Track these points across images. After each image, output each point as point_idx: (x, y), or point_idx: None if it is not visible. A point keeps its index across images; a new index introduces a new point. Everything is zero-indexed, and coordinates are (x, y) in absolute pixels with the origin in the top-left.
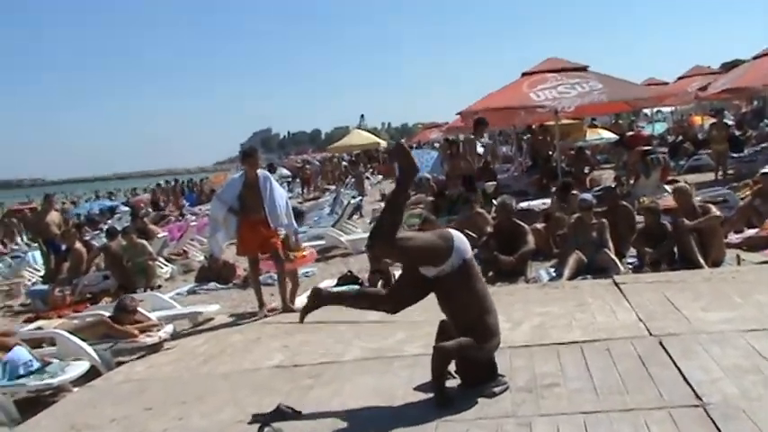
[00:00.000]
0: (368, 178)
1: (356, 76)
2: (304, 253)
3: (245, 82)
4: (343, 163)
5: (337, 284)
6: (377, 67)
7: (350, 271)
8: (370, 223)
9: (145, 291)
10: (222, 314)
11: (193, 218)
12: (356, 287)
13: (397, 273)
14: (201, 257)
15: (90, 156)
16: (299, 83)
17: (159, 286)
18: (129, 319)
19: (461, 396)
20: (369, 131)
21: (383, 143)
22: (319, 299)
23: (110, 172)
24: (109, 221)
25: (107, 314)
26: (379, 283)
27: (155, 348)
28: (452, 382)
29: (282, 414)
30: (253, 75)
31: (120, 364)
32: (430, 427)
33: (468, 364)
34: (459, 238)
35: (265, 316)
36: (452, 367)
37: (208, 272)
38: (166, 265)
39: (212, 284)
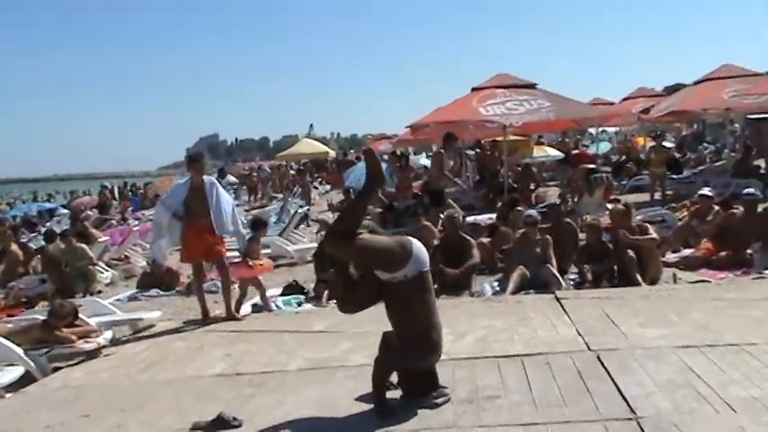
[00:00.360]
0: (315, 188)
1: (306, 85)
2: (261, 262)
3: (191, 87)
4: (291, 172)
5: (283, 294)
6: (327, 77)
7: (295, 281)
8: (317, 233)
9: (84, 296)
10: (164, 321)
11: (136, 222)
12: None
13: None
14: (144, 263)
15: (28, 156)
16: (247, 89)
17: (99, 291)
18: (66, 324)
19: (403, 407)
20: (318, 140)
21: (332, 152)
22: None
23: (50, 173)
24: (47, 224)
25: (43, 318)
26: (325, 293)
27: (93, 354)
28: (394, 393)
29: (223, 422)
30: (199, 80)
31: (56, 370)
32: None
33: (410, 375)
34: (419, 249)
35: (208, 324)
36: (394, 378)
37: (150, 278)
38: (107, 270)
39: (154, 291)
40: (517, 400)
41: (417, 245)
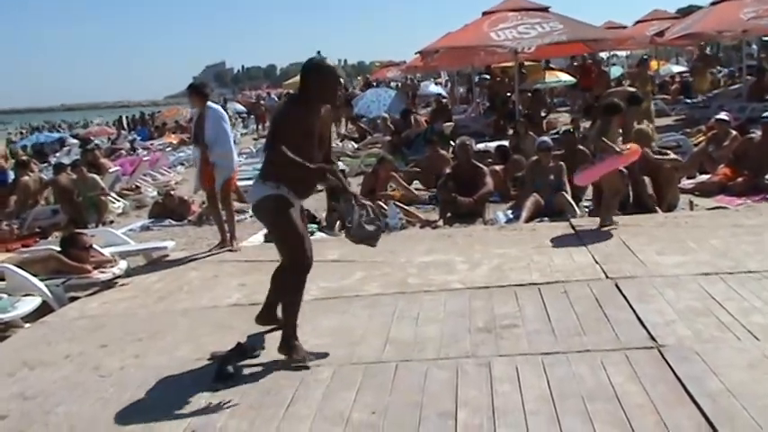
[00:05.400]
0: None
1: (313, 12)
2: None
3: (199, 14)
4: None
5: None
6: (334, 3)
7: (307, 209)
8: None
9: (97, 226)
10: (177, 251)
11: (146, 153)
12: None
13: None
14: (155, 193)
15: (36, 86)
16: (254, 17)
17: (111, 222)
18: (82, 255)
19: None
20: None
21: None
22: None
23: (57, 103)
24: (57, 154)
25: (57, 249)
26: (337, 222)
27: (109, 285)
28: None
29: (242, 352)
30: (206, 7)
31: (72, 300)
32: (390, 367)
33: None
34: None
35: (230, 251)
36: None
37: (162, 208)
38: (119, 201)
39: (167, 221)
40: (536, 329)
41: None
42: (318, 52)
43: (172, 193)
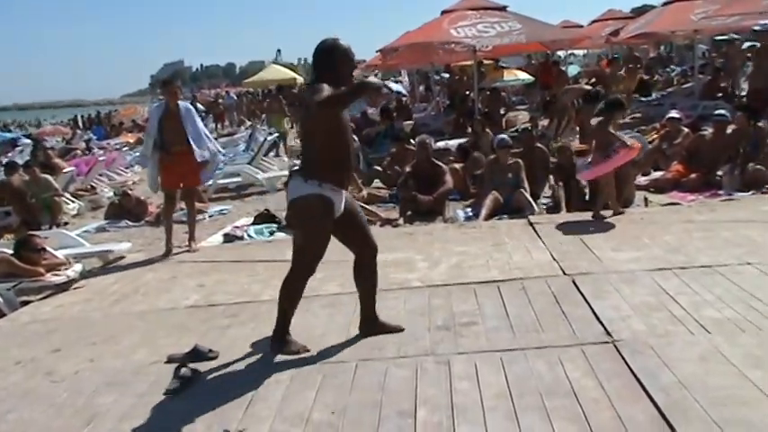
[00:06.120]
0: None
1: (272, 10)
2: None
3: (157, 12)
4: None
5: (254, 223)
6: (293, 1)
7: (267, 209)
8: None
9: (50, 228)
10: (134, 253)
11: (102, 152)
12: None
13: None
14: (111, 194)
15: None
16: (213, 15)
17: (66, 223)
18: (34, 258)
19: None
20: (286, 66)
21: (300, 79)
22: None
23: (9, 102)
24: (9, 155)
25: (9, 252)
26: None
27: (62, 288)
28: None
29: (199, 354)
30: (164, 5)
31: (24, 304)
32: (349, 367)
33: None
34: None
35: (188, 252)
36: None
37: (118, 209)
38: (73, 201)
39: (123, 222)
40: (494, 326)
41: None
42: (279, 51)
43: (129, 192)
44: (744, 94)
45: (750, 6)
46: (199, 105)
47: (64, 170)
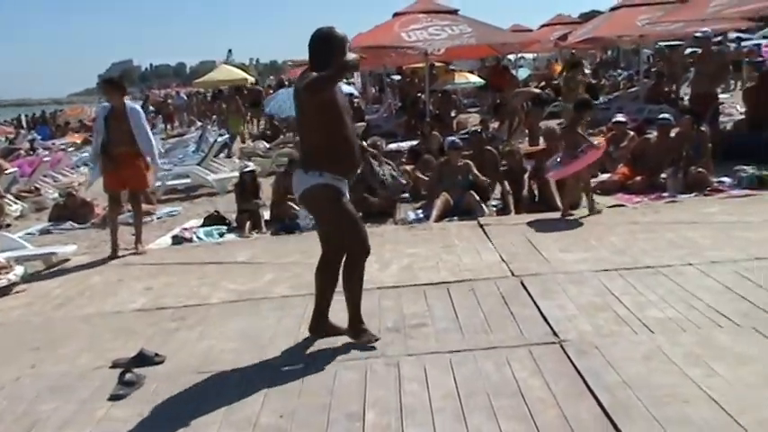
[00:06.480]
0: (229, 115)
1: (225, 9)
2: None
3: (104, 9)
4: (219, 101)
5: (203, 225)
6: (246, 1)
7: (216, 211)
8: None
9: None
10: (79, 255)
11: (46, 152)
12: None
13: (266, 214)
14: (56, 195)
15: None
16: (163, 14)
17: (8, 225)
18: None
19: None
20: (237, 67)
21: (251, 79)
22: None
23: None
24: None
25: None
26: (247, 224)
27: (3, 292)
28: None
29: (144, 359)
30: (112, 2)
31: None
32: (298, 370)
33: None
34: None
35: (135, 254)
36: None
37: (63, 210)
38: (16, 203)
39: (68, 224)
40: (444, 328)
41: None
42: (230, 51)
43: (74, 194)
44: (687, 98)
45: (692, 14)
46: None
47: (6, 171)
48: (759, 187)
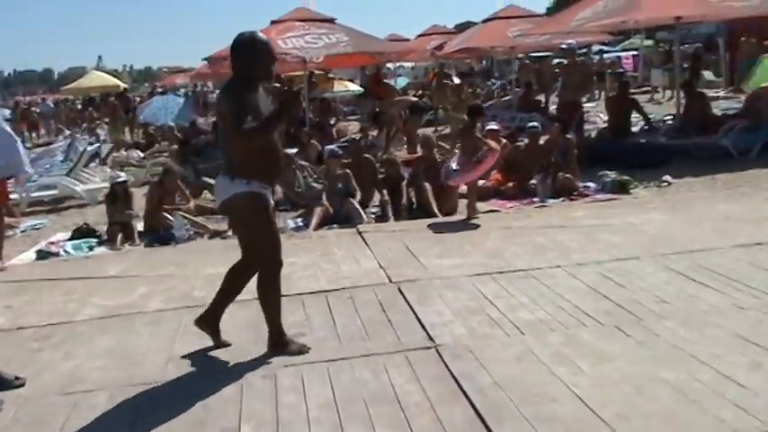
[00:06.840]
0: (107, 123)
1: (96, 14)
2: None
3: None
4: (90, 108)
5: (72, 238)
6: (118, 5)
7: (86, 223)
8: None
9: None
10: None
11: None
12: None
13: (139, 225)
14: None
15: None
16: (29, 17)
17: None
18: None
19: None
20: (109, 73)
21: (123, 86)
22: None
23: None
24: None
25: None
26: (119, 236)
27: None
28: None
29: (2, 382)
30: None
31: None
32: (171, 386)
33: None
34: None
35: None
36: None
37: None
38: None
39: None
40: (322, 336)
41: None
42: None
43: None
44: (555, 107)
45: (558, 26)
46: (6, 112)
47: None
48: (620, 191)
